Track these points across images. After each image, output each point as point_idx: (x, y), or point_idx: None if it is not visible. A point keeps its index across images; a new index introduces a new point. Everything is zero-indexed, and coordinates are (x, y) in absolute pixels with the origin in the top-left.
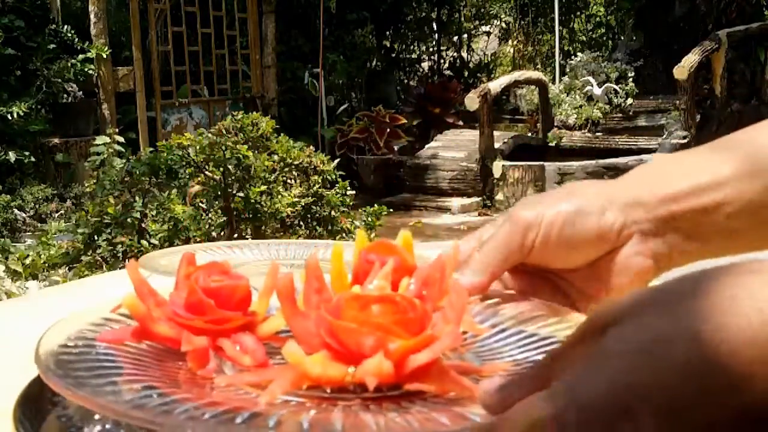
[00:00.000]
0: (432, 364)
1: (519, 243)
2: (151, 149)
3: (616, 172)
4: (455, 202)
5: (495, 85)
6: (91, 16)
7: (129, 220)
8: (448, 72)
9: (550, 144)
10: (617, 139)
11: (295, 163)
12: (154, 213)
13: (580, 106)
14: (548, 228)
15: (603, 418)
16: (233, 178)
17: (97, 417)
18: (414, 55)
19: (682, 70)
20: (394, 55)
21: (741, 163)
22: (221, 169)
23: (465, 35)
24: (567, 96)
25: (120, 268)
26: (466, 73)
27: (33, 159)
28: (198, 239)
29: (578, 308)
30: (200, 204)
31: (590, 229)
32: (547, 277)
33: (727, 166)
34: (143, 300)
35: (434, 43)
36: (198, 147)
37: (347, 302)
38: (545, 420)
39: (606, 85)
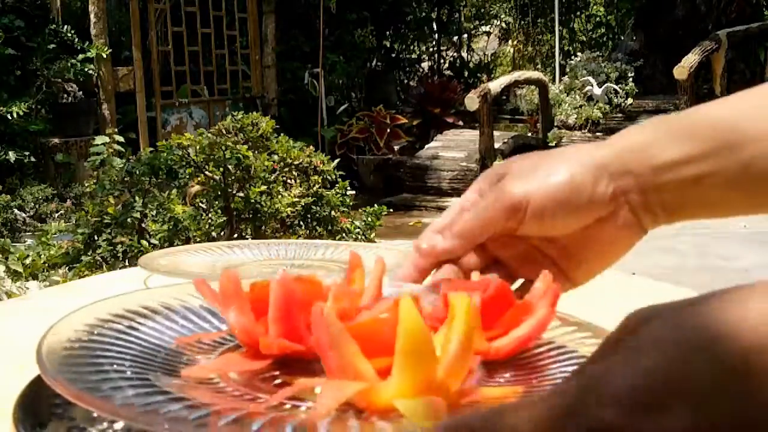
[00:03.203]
0: None
1: (502, 221)
2: (151, 149)
3: None
4: (455, 202)
5: (495, 85)
6: (91, 16)
7: (129, 220)
8: (448, 72)
9: (550, 144)
10: None
11: (295, 163)
12: (154, 213)
13: (580, 106)
14: (539, 206)
15: (634, 412)
16: (233, 178)
17: (99, 418)
18: (414, 55)
19: (682, 70)
20: (394, 55)
21: (721, 134)
22: (221, 169)
23: (465, 35)
24: (567, 96)
25: (120, 268)
26: (466, 73)
27: (33, 159)
28: (198, 239)
29: (566, 274)
30: (200, 204)
31: (582, 202)
32: (531, 242)
33: (709, 136)
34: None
35: (434, 43)
36: (198, 147)
37: None
38: (560, 415)
39: (606, 85)
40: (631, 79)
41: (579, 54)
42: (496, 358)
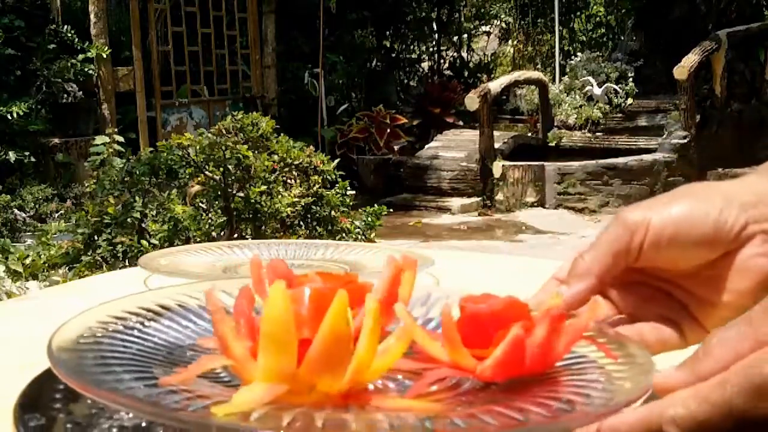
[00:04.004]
0: None
1: (625, 244)
2: (151, 149)
3: (616, 172)
4: (455, 202)
5: (495, 85)
6: (91, 16)
7: (129, 220)
8: (448, 72)
9: (550, 144)
10: (617, 139)
11: (295, 163)
12: (154, 213)
13: (580, 106)
14: (659, 229)
15: None
16: (233, 178)
17: (100, 417)
18: (414, 55)
19: (682, 70)
20: (394, 55)
21: None
22: (221, 169)
23: (465, 35)
24: (567, 96)
25: (120, 268)
26: (466, 73)
27: (33, 159)
28: (198, 239)
29: (696, 317)
30: (200, 204)
31: (706, 229)
32: (658, 286)
33: None
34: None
35: (434, 43)
36: (198, 147)
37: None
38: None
39: (606, 85)
40: (631, 79)
41: (579, 54)
42: (486, 379)
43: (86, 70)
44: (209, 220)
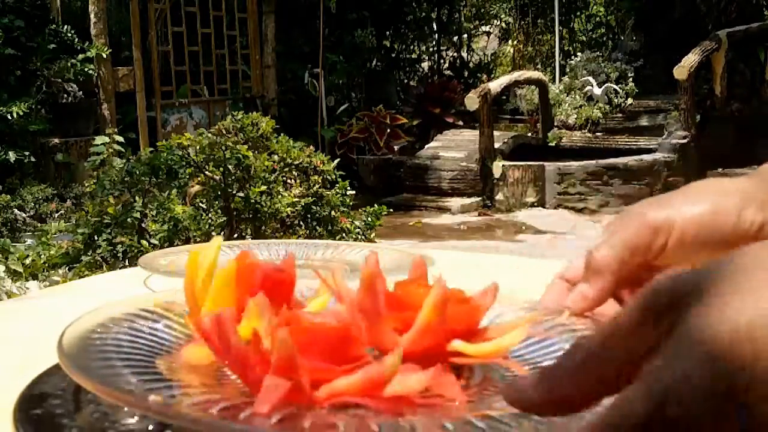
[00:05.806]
0: None
1: (646, 245)
2: (151, 149)
3: (616, 171)
4: (455, 202)
5: (495, 85)
6: (91, 16)
7: (129, 220)
8: (448, 72)
9: (550, 144)
10: (617, 139)
11: (295, 163)
12: (154, 213)
13: (580, 106)
14: (682, 231)
15: (710, 408)
16: (233, 178)
17: (101, 419)
18: (414, 55)
19: (682, 70)
20: (394, 55)
21: None
22: (221, 169)
23: (465, 35)
24: (567, 96)
25: (120, 268)
26: (466, 73)
27: (33, 159)
28: (198, 239)
29: None
30: (200, 204)
31: (727, 230)
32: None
33: None
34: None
35: (434, 43)
36: (198, 147)
37: None
38: (643, 419)
39: (606, 85)
40: (631, 79)
41: (579, 54)
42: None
43: (86, 70)
44: (209, 220)
